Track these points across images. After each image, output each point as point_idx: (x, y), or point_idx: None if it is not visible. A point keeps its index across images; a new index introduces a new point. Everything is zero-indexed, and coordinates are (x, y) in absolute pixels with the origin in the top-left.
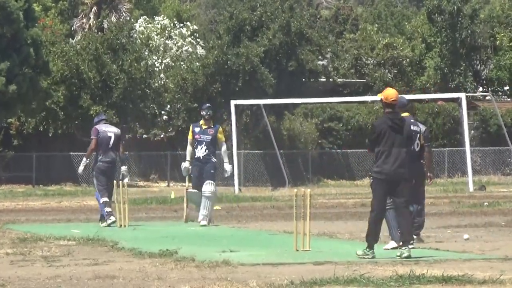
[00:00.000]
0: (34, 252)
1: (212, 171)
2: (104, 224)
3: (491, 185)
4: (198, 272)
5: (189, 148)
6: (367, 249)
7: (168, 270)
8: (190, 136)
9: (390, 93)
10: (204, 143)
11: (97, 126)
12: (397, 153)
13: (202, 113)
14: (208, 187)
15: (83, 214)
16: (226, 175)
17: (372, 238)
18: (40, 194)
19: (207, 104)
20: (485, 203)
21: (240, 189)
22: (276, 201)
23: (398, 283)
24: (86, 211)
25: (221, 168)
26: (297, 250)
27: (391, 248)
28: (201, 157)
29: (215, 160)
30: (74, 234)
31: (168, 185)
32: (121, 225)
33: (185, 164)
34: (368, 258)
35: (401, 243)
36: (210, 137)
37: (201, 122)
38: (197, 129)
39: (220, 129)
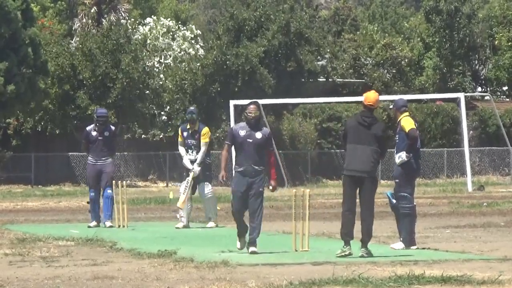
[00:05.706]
0: (33, 252)
1: (207, 173)
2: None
3: (489, 185)
4: (197, 272)
5: (183, 150)
6: (344, 246)
7: (167, 270)
8: (180, 138)
9: (369, 96)
10: (192, 147)
11: None
12: (363, 150)
13: (186, 117)
14: (204, 188)
15: (82, 215)
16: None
17: (345, 234)
18: (38, 195)
19: (191, 108)
20: (484, 204)
21: None
22: (275, 201)
23: (397, 284)
24: (85, 211)
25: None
26: (296, 251)
27: (398, 249)
28: (193, 161)
29: (209, 161)
30: (73, 234)
31: (167, 185)
32: (120, 226)
33: (196, 169)
34: (345, 254)
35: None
36: (196, 141)
37: (188, 125)
38: (185, 133)
39: (204, 130)
